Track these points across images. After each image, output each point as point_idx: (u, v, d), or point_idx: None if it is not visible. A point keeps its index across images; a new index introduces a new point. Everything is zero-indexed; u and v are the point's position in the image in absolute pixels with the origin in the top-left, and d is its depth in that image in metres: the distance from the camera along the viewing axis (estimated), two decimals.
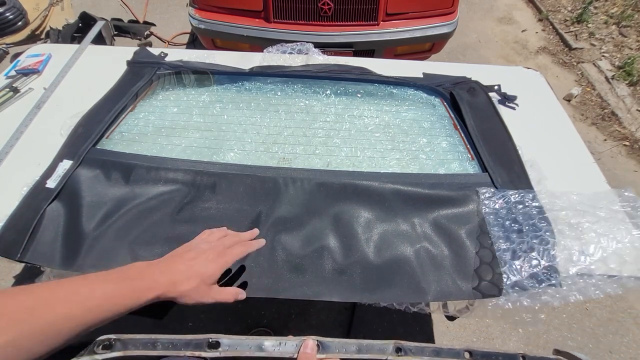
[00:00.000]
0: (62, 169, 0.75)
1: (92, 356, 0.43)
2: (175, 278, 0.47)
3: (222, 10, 1.81)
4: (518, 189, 0.76)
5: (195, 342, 0.45)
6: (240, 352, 0.46)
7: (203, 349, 0.45)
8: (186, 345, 0.45)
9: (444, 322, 1.49)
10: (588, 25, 3.12)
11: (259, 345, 0.46)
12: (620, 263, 0.64)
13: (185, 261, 0.49)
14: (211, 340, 0.46)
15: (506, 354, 0.50)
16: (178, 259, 0.50)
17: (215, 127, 0.93)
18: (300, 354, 0.46)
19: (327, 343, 0.47)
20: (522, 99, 1.00)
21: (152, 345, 0.45)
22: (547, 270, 0.63)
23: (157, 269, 0.47)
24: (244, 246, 0.56)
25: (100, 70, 1.04)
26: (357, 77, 1.05)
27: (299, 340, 0.47)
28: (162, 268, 0.48)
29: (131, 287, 0.43)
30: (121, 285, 0.43)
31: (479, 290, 0.63)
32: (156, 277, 0.46)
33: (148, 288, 0.44)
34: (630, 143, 2.26)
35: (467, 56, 2.87)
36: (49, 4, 2.80)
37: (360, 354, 0.47)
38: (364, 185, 0.75)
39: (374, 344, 0.48)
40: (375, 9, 1.76)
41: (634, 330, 1.50)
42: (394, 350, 0.48)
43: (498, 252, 0.66)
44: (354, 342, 0.48)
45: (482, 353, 0.49)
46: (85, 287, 0.41)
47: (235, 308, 1.51)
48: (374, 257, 0.66)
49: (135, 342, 0.45)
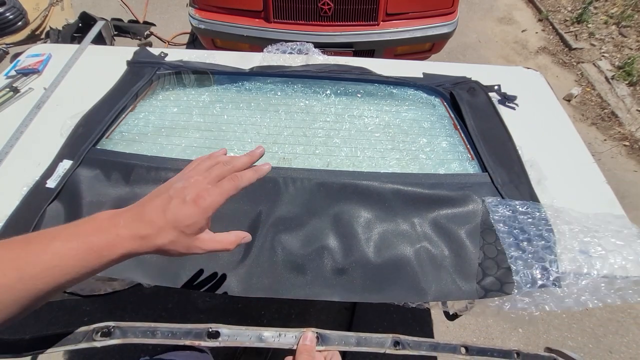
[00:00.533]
0: (62, 169, 0.75)
1: (90, 343, 0.43)
2: (143, 231, 0.37)
3: (222, 10, 1.81)
4: (519, 190, 0.76)
5: (195, 331, 0.45)
6: (240, 342, 0.46)
7: (203, 339, 0.45)
8: (186, 334, 0.45)
9: (444, 322, 1.49)
10: (588, 25, 3.12)
11: (259, 336, 0.46)
12: (624, 277, 0.63)
13: (158, 207, 0.39)
14: (211, 329, 0.46)
15: (501, 350, 0.51)
16: (149, 205, 0.40)
17: (215, 127, 0.93)
18: (299, 346, 0.46)
19: (327, 335, 0.48)
20: (522, 99, 1.00)
21: (152, 333, 0.45)
22: (550, 277, 0.62)
23: (122, 220, 0.38)
24: (235, 180, 0.43)
25: (100, 70, 1.04)
26: (357, 77, 1.05)
27: (298, 332, 0.47)
28: (128, 219, 0.38)
29: (87, 244, 0.35)
30: (74, 243, 0.35)
31: (480, 288, 0.63)
32: (119, 231, 0.37)
33: (109, 245, 0.36)
34: (630, 143, 2.26)
35: (467, 56, 2.88)
36: (49, 4, 2.80)
37: (359, 346, 0.48)
38: (364, 185, 0.75)
39: (373, 337, 0.49)
40: (375, 9, 1.77)
41: (634, 330, 1.50)
42: (392, 343, 0.49)
43: (506, 254, 0.65)
44: (353, 335, 0.48)
45: (478, 349, 0.50)
46: (35, 246, 0.34)
47: (235, 308, 1.51)
48: (374, 257, 0.66)
49: (135, 330, 0.45)
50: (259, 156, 0.48)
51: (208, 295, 1.50)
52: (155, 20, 2.95)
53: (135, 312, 1.47)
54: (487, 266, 0.65)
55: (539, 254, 0.65)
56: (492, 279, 0.63)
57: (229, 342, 0.45)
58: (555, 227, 0.68)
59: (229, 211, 0.72)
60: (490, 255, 0.66)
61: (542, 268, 0.63)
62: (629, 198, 1.96)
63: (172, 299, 1.51)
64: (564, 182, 0.80)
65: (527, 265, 0.64)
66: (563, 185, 0.79)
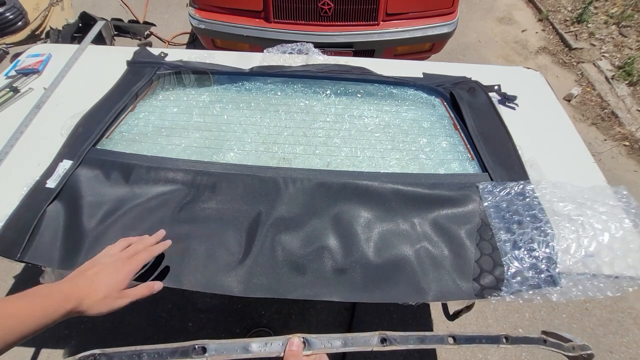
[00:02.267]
0: (62, 169, 0.75)
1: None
2: (81, 294, 0.49)
3: (222, 10, 1.81)
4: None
5: (181, 349, 0.46)
6: (227, 355, 0.46)
7: (190, 356, 0.45)
8: (172, 354, 0.45)
9: (444, 322, 1.49)
10: (588, 25, 3.12)
11: (246, 347, 0.47)
12: (613, 258, 0.65)
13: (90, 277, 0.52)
14: (197, 346, 0.46)
15: (489, 336, 0.51)
16: (81, 277, 0.52)
17: (215, 127, 0.93)
18: (286, 352, 0.47)
19: (312, 340, 0.48)
20: (522, 99, 1.00)
21: (138, 356, 0.45)
22: (546, 261, 0.63)
23: (65, 287, 0.50)
24: (148, 252, 0.59)
25: (100, 70, 1.04)
26: (357, 77, 1.05)
27: (284, 339, 0.48)
28: (69, 286, 0.50)
29: (41, 305, 0.46)
30: (32, 303, 0.45)
31: (480, 287, 0.63)
32: (65, 294, 0.48)
33: (58, 305, 0.47)
34: (630, 143, 2.26)
35: (467, 56, 2.87)
36: (49, 4, 2.80)
37: (346, 347, 0.48)
38: (364, 185, 0.75)
39: (359, 337, 0.49)
40: (375, 9, 1.76)
41: (634, 330, 1.50)
42: (378, 341, 0.49)
43: (499, 242, 0.66)
44: (339, 337, 0.49)
45: (466, 337, 0.50)
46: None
47: (235, 308, 1.51)
48: (374, 257, 0.66)
49: (121, 355, 0.45)
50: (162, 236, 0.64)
51: (208, 295, 1.50)
52: (155, 20, 2.95)
53: (135, 312, 1.47)
54: (483, 264, 0.65)
55: (533, 239, 0.66)
56: (489, 278, 0.64)
57: (216, 357, 0.46)
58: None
59: (229, 211, 0.72)
60: (486, 252, 0.66)
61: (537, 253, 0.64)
62: None
63: (172, 299, 1.51)
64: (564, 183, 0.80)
65: (524, 250, 0.65)
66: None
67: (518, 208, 0.70)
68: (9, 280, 1.52)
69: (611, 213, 0.71)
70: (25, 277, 1.52)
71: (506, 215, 0.70)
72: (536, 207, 0.70)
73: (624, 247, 0.66)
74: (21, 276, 1.52)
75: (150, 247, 0.60)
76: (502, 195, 0.73)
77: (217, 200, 0.73)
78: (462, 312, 1.04)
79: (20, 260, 0.64)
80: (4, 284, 1.51)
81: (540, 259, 0.64)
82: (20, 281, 1.51)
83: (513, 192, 0.74)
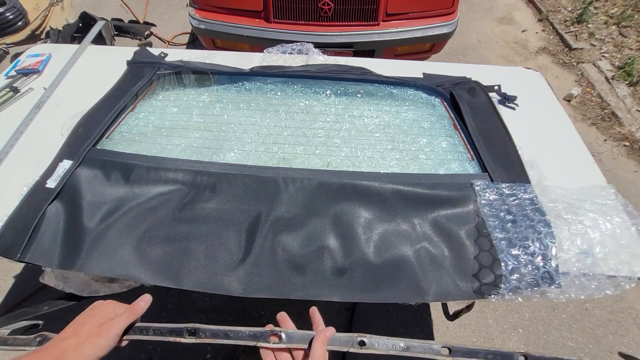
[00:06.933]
0: (62, 169, 0.75)
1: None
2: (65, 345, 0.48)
3: (222, 10, 1.81)
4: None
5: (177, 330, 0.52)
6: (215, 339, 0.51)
7: (183, 336, 0.52)
8: (171, 332, 0.52)
9: (444, 322, 1.49)
10: (588, 25, 3.12)
11: (227, 333, 0.53)
12: (606, 254, 0.66)
13: (73, 346, 0.49)
14: (189, 328, 0.52)
15: (501, 352, 0.47)
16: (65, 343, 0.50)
17: (215, 127, 0.93)
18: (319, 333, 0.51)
19: (290, 333, 0.54)
20: (522, 99, 1.00)
21: (146, 330, 0.52)
22: (543, 258, 0.64)
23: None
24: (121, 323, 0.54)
25: (100, 70, 1.04)
26: (357, 77, 1.05)
27: (264, 331, 0.53)
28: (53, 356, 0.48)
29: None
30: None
31: (479, 284, 0.63)
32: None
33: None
34: (630, 143, 2.26)
35: (467, 56, 2.87)
36: (49, 4, 2.80)
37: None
38: (364, 185, 0.75)
39: (336, 337, 0.52)
40: (375, 9, 1.76)
41: (634, 330, 1.50)
42: (357, 343, 0.51)
43: (495, 240, 0.67)
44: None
45: (465, 350, 0.49)
46: None
47: (235, 308, 1.51)
48: (374, 257, 0.66)
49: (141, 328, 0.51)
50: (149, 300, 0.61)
51: (208, 295, 1.50)
52: (155, 20, 2.95)
53: None
54: (482, 260, 0.66)
55: (528, 237, 0.67)
56: (488, 274, 0.64)
57: (205, 340, 0.51)
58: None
59: (229, 211, 0.72)
60: (484, 249, 0.67)
61: (535, 265, 0.64)
62: (629, 198, 1.95)
63: (172, 299, 1.51)
64: (564, 183, 0.80)
65: (519, 248, 0.65)
66: (563, 185, 0.79)
67: (512, 207, 0.71)
68: (9, 280, 1.52)
69: (602, 211, 0.72)
70: (25, 277, 1.52)
71: (501, 214, 0.70)
72: (531, 206, 0.71)
73: (616, 244, 0.67)
74: (21, 276, 1.52)
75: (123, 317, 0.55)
76: (497, 194, 0.74)
77: (217, 200, 0.73)
78: (462, 312, 1.04)
79: (20, 261, 0.64)
80: (4, 284, 1.51)
81: (537, 257, 0.64)
82: (20, 281, 1.51)
83: (507, 191, 0.74)
